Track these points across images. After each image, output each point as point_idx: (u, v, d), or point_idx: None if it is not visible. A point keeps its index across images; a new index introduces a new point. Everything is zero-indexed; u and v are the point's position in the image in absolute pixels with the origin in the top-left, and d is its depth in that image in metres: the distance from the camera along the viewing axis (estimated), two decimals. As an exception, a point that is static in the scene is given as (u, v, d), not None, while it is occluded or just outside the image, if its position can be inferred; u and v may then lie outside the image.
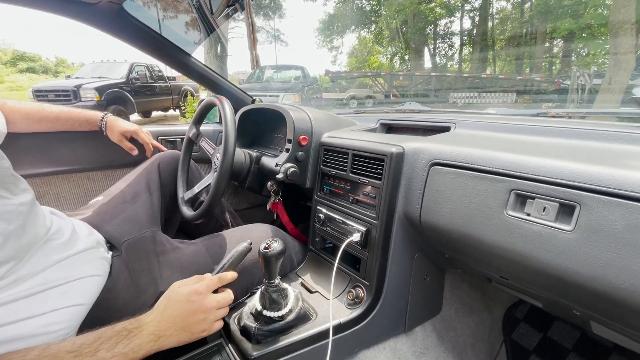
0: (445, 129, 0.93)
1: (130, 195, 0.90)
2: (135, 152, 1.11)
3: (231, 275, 0.68)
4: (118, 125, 1.07)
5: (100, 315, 0.64)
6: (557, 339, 1.03)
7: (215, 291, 0.65)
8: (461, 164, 0.64)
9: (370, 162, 0.79)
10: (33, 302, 0.54)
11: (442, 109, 1.27)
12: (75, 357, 0.48)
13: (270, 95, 6.97)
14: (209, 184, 0.89)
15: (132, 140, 1.12)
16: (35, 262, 0.57)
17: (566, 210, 0.50)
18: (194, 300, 0.60)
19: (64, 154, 1.08)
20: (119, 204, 0.87)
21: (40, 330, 0.55)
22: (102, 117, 1.06)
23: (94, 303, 0.65)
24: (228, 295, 0.66)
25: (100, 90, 6.29)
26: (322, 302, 0.79)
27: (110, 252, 0.74)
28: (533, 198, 0.53)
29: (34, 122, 0.97)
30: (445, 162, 0.67)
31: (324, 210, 0.91)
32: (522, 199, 0.55)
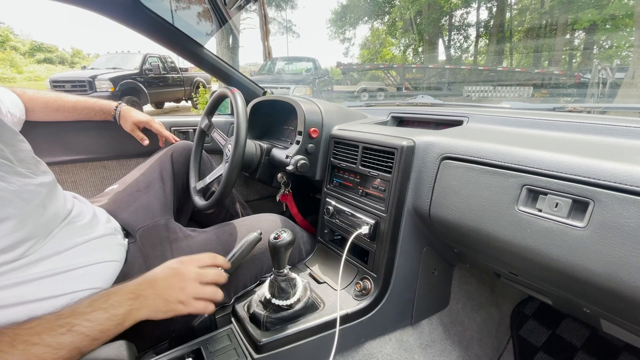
0: (458, 123, 0.92)
1: (144, 184, 0.92)
2: (147, 142, 1.12)
3: (223, 260, 0.69)
4: (131, 116, 1.08)
5: None
6: (566, 336, 1.02)
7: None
8: (473, 158, 0.63)
9: (380, 155, 0.79)
10: (55, 282, 0.57)
11: (455, 102, 1.25)
12: (57, 318, 0.49)
13: (281, 87, 6.96)
14: (221, 174, 0.91)
15: (145, 130, 1.14)
16: (57, 242, 0.60)
17: (579, 206, 0.49)
18: (175, 267, 0.62)
19: (81, 143, 1.11)
20: (133, 192, 0.90)
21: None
22: (116, 107, 1.08)
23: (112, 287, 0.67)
24: (214, 272, 0.65)
25: (114, 81, 6.40)
26: (330, 292, 0.80)
27: (127, 239, 0.77)
28: (545, 194, 0.52)
29: (52, 110, 1.00)
30: (456, 156, 0.66)
31: (333, 203, 0.92)
32: (534, 195, 0.54)
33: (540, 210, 0.53)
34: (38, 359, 0.43)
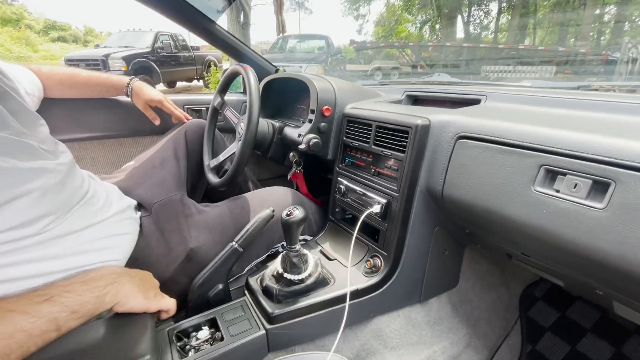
0: (475, 102, 0.89)
1: (159, 161, 0.94)
2: (158, 121, 1.13)
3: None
4: (144, 93, 1.07)
5: (135, 269, 0.70)
6: (576, 318, 1.02)
7: None
8: (489, 137, 0.62)
9: (394, 134, 0.78)
10: (72, 257, 0.60)
11: (472, 80, 1.21)
12: (35, 289, 0.50)
13: (292, 66, 6.84)
14: (234, 152, 0.92)
15: (158, 110, 1.14)
16: (75, 220, 0.62)
17: (599, 187, 0.47)
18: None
19: (98, 121, 1.13)
20: (148, 168, 0.92)
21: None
22: (128, 83, 1.07)
23: (131, 259, 0.70)
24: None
25: (127, 59, 6.41)
26: (340, 269, 0.82)
27: (139, 213, 0.79)
28: (564, 174, 0.51)
29: (67, 87, 1.00)
30: (472, 135, 0.65)
31: (345, 182, 0.92)
32: (552, 175, 0.53)
33: (557, 191, 0.52)
34: (15, 326, 0.43)
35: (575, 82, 0.97)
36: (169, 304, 0.64)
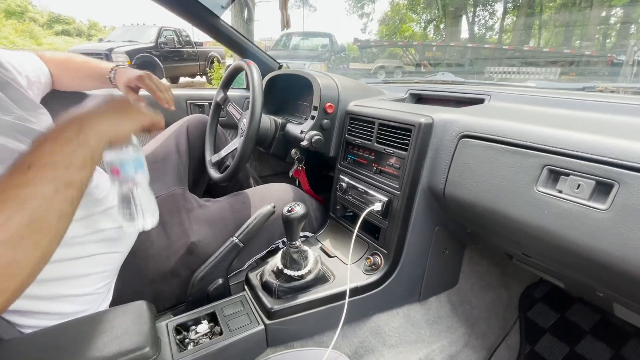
0: (479, 101, 0.88)
1: (161, 156, 0.94)
2: (143, 102, 0.85)
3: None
4: (124, 74, 0.89)
5: (135, 262, 0.70)
6: (575, 319, 1.02)
7: None
8: (492, 136, 0.61)
9: (397, 132, 0.78)
10: (78, 245, 0.60)
11: (477, 80, 1.20)
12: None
13: (296, 63, 6.83)
14: (236, 148, 0.92)
15: (158, 106, 1.09)
16: (78, 208, 0.62)
17: (602, 188, 0.47)
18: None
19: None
20: (150, 163, 0.91)
21: (83, 271, 0.61)
22: (112, 69, 0.92)
23: (131, 251, 0.71)
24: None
25: (130, 54, 6.41)
26: (340, 266, 0.82)
27: None
28: (567, 175, 0.51)
29: (63, 70, 0.93)
30: (475, 134, 0.65)
31: (347, 179, 0.92)
32: (555, 175, 0.53)
33: (560, 192, 0.51)
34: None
35: (580, 83, 0.97)
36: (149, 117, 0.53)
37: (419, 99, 1.09)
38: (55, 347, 0.50)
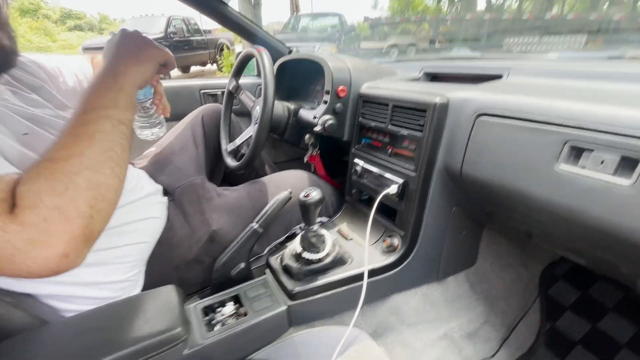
0: (497, 77, 0.85)
1: (178, 146, 0.97)
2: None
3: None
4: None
5: (161, 251, 0.74)
6: (597, 297, 1.00)
7: None
8: (511, 114, 0.60)
9: (411, 114, 0.77)
10: (112, 236, 0.64)
11: (494, 55, 1.15)
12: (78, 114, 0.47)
13: (306, 46, 6.71)
14: (250, 136, 0.93)
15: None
16: None
17: (628, 163, 0.46)
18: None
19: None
20: (168, 154, 0.95)
21: (116, 260, 0.65)
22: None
23: (157, 241, 0.74)
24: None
25: (142, 46, 6.45)
26: (358, 248, 0.83)
27: (166, 197, 0.83)
28: (591, 150, 0.49)
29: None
30: (493, 112, 0.63)
31: (361, 163, 0.92)
32: (577, 152, 0.51)
33: (583, 168, 0.50)
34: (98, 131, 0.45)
35: (607, 52, 0.92)
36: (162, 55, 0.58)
37: (433, 77, 1.06)
38: (95, 328, 0.54)
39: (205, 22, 9.18)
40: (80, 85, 0.86)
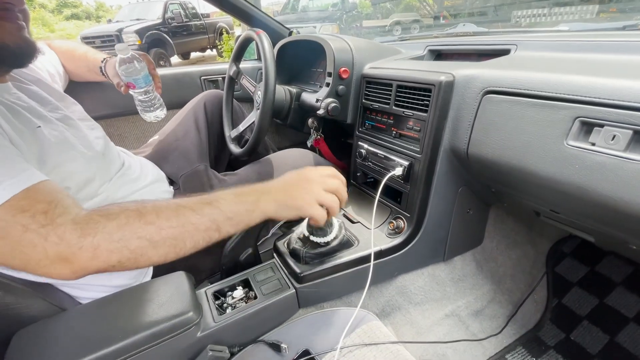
0: (504, 52, 0.83)
1: (181, 133, 0.97)
2: (123, 89, 0.86)
3: (342, 177, 0.66)
4: (113, 65, 0.86)
5: None
6: (606, 273, 1.00)
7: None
8: (519, 90, 0.58)
9: (415, 94, 0.75)
10: None
11: (501, 29, 1.11)
12: (199, 199, 0.55)
13: (306, 27, 6.54)
14: (253, 121, 0.92)
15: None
16: (116, 189, 0.68)
17: (640, 138, 0.44)
18: (302, 171, 0.64)
19: (120, 98, 1.15)
20: (172, 141, 0.95)
21: None
22: (103, 60, 0.91)
23: None
24: (337, 182, 0.63)
25: (140, 33, 6.35)
26: (364, 231, 0.84)
27: (171, 186, 0.84)
28: (602, 126, 0.48)
29: (69, 59, 0.96)
30: (500, 89, 0.61)
31: (366, 146, 0.91)
32: (587, 128, 0.50)
33: (593, 144, 0.49)
34: (186, 219, 0.51)
35: (621, 22, 0.87)
36: (320, 212, 0.61)
37: (438, 55, 1.03)
38: (111, 314, 0.56)
39: (203, 6, 8.96)
40: (57, 72, 0.86)
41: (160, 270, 0.73)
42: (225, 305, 0.68)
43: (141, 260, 0.50)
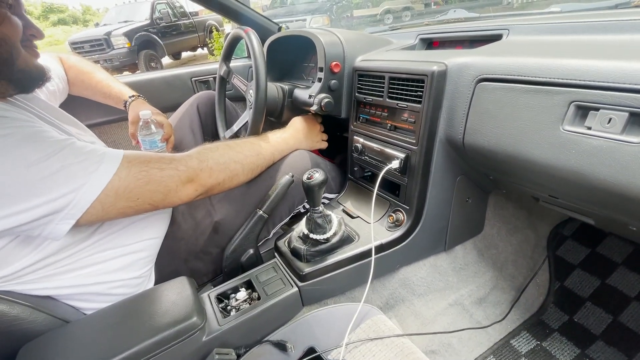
0: (496, 38, 0.81)
1: (177, 141, 0.96)
2: (134, 142, 0.97)
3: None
4: (140, 109, 0.94)
5: (167, 244, 0.75)
6: (606, 253, 1.01)
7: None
8: (512, 77, 0.57)
9: (408, 85, 0.74)
10: (124, 234, 0.65)
11: (493, 13, 1.10)
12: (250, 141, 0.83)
13: (296, 20, 6.46)
14: (247, 121, 0.91)
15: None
16: None
17: (636, 120, 0.44)
18: (309, 119, 0.98)
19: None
20: (169, 150, 0.94)
21: (130, 258, 0.67)
22: (132, 96, 0.99)
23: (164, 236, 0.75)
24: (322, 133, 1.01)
25: (128, 35, 6.27)
26: (364, 226, 0.84)
27: None
28: (597, 109, 0.47)
29: (78, 83, 0.99)
30: (494, 76, 0.61)
31: (361, 140, 0.90)
32: (583, 112, 0.49)
33: (589, 128, 0.48)
34: (261, 153, 0.82)
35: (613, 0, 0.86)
36: (323, 144, 1.01)
37: (430, 43, 1.02)
38: (115, 323, 0.56)
39: (192, 5, 8.83)
40: (58, 88, 0.87)
41: (163, 276, 0.73)
42: (229, 307, 0.68)
43: (235, 179, 0.74)
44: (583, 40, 0.65)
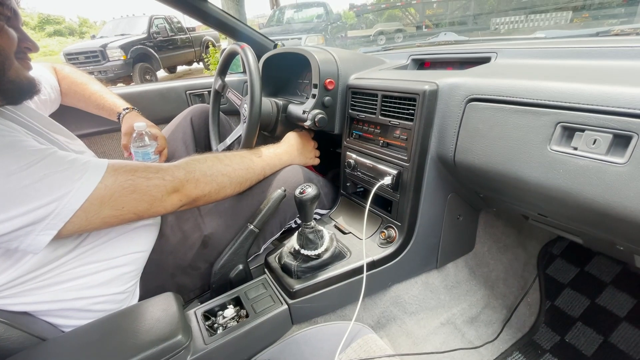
0: (485, 60, 0.84)
1: (170, 154, 0.95)
2: (126, 154, 0.98)
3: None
4: (133, 121, 0.95)
5: (154, 258, 0.73)
6: (595, 273, 1.02)
7: None
8: (501, 97, 0.59)
9: (401, 103, 0.76)
10: (110, 247, 0.63)
11: (482, 37, 1.14)
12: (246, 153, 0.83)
13: (292, 39, 6.61)
14: (240, 135, 0.91)
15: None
16: None
17: (620, 141, 0.45)
18: (304, 135, 0.99)
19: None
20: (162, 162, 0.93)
21: (114, 272, 0.64)
22: (126, 109, 1.00)
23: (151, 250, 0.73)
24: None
25: (124, 48, 6.31)
26: (356, 242, 0.83)
27: None
28: (582, 130, 0.49)
29: (71, 94, 0.99)
30: (483, 97, 0.62)
31: (354, 156, 0.91)
32: (569, 132, 0.51)
33: (575, 149, 0.50)
34: (251, 167, 0.80)
35: (594, 27, 0.91)
36: (316, 161, 1.01)
37: (421, 64, 1.05)
38: (94, 342, 0.53)
39: (189, 20, 9.01)
40: (49, 98, 0.87)
41: (148, 291, 0.71)
42: (216, 325, 0.66)
43: (221, 192, 0.73)
44: (567, 64, 0.67)
